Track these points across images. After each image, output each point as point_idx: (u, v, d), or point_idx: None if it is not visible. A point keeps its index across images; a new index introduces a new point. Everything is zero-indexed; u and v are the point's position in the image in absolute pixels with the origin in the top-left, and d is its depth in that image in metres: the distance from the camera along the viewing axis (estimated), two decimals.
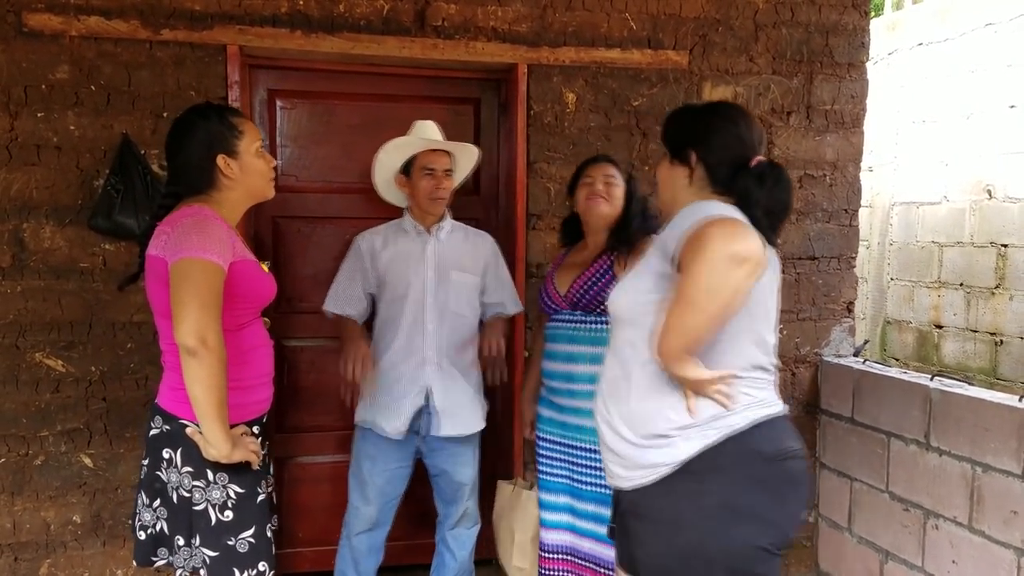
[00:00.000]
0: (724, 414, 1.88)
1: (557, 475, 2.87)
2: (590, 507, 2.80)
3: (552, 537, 2.91)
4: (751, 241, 1.82)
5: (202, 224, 2.11)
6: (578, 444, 2.79)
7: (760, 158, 1.99)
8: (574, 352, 2.77)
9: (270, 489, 2.52)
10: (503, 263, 3.14)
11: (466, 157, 3.06)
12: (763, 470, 1.88)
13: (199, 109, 2.28)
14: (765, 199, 1.93)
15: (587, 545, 2.84)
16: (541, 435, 2.93)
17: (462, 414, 2.96)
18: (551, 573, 2.92)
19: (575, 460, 2.80)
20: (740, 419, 1.88)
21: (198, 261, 2.04)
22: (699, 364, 1.86)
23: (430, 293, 2.90)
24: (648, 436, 1.92)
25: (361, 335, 2.91)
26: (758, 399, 1.93)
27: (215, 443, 2.07)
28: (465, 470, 3.02)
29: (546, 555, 2.93)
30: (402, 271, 2.92)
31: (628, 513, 2.01)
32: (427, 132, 2.97)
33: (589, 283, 2.75)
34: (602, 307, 2.72)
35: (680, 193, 2.05)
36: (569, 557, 2.89)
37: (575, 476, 2.81)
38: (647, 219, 2.84)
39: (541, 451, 2.92)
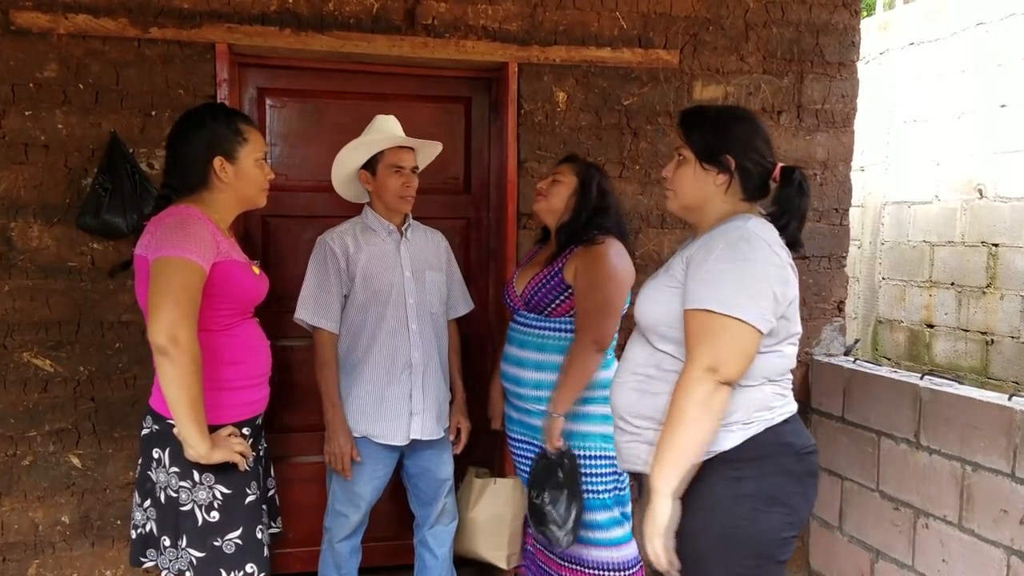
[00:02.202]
0: (763, 411, 1.95)
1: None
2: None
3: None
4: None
5: (184, 223, 2.12)
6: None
7: (782, 164, 2.03)
8: (522, 357, 2.82)
9: (272, 491, 2.51)
10: (454, 260, 3.16)
11: (427, 154, 3.03)
12: (793, 462, 1.97)
13: (212, 108, 2.32)
14: (804, 207, 2.02)
15: (574, 548, 2.82)
16: (512, 435, 2.96)
17: (443, 413, 2.98)
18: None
19: None
20: (776, 415, 1.97)
21: (176, 260, 2.04)
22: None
23: (411, 294, 2.88)
24: None
25: (342, 413, 2.86)
26: (787, 399, 2.02)
27: (191, 443, 2.07)
28: (446, 467, 3.03)
29: (561, 562, 2.92)
30: (381, 273, 2.86)
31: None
32: (390, 127, 2.92)
33: (540, 285, 2.78)
34: (549, 310, 2.76)
35: (713, 200, 2.05)
36: (559, 560, 2.89)
37: None
38: (603, 215, 2.79)
39: (516, 450, 2.96)
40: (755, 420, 1.94)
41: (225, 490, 2.19)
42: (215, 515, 2.18)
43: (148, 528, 2.26)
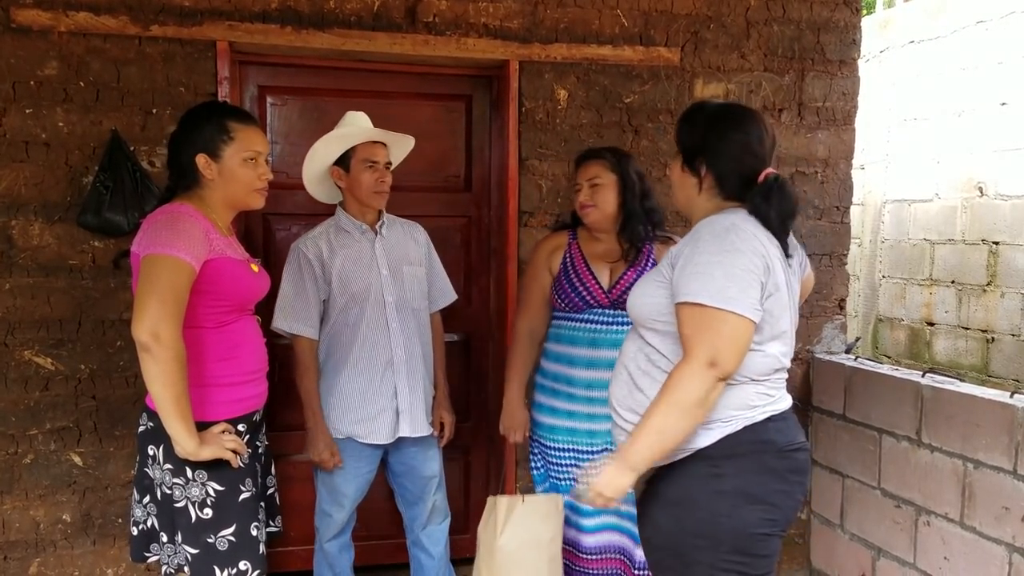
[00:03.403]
0: (744, 410, 1.96)
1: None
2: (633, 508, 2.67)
3: (595, 540, 2.83)
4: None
5: (175, 221, 2.12)
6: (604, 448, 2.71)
7: (769, 171, 2.01)
8: (594, 358, 2.71)
9: (272, 490, 2.50)
10: (435, 253, 3.12)
11: (401, 148, 2.99)
12: (775, 460, 1.98)
13: (207, 106, 2.34)
14: (774, 214, 1.97)
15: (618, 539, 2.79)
16: (561, 445, 2.81)
17: (429, 410, 2.97)
18: (601, 571, 2.85)
19: None
20: (759, 414, 1.98)
21: (163, 257, 2.05)
22: None
23: (389, 292, 2.87)
24: None
25: (323, 420, 2.84)
26: (775, 397, 2.03)
27: (178, 440, 2.07)
28: (432, 464, 3.01)
29: (591, 557, 2.83)
30: (357, 274, 2.85)
31: (641, 494, 2.12)
32: (361, 122, 2.89)
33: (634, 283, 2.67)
34: None
35: (693, 200, 2.10)
36: (620, 556, 2.82)
37: None
38: (648, 208, 2.78)
39: (565, 461, 2.80)
40: (734, 418, 1.96)
41: (218, 487, 2.18)
42: (208, 512, 2.18)
43: (150, 524, 2.27)
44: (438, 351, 3.09)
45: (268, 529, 2.48)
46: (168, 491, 2.18)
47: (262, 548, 2.27)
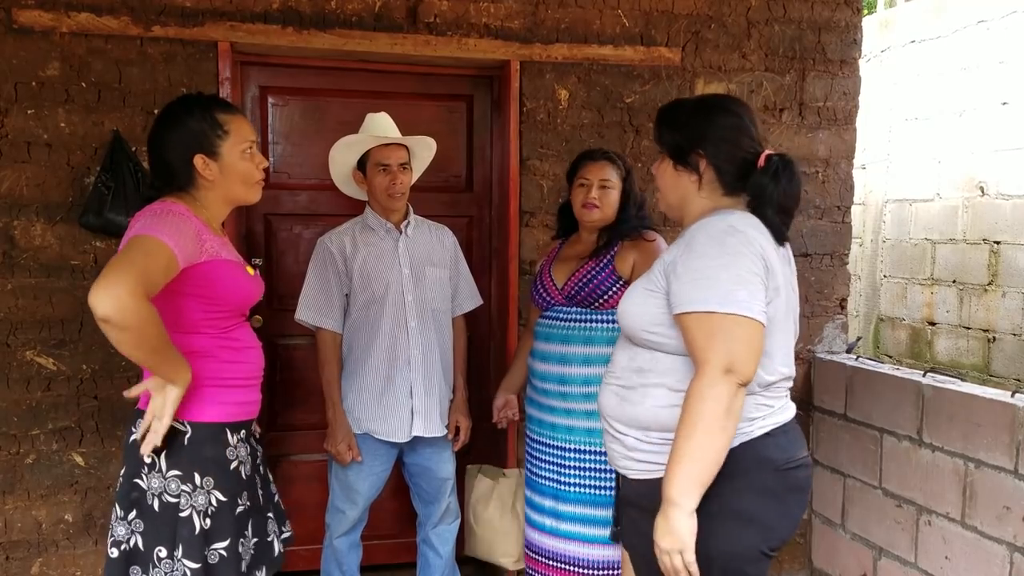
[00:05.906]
0: (741, 423, 1.82)
1: (544, 477, 2.84)
2: (576, 509, 2.75)
3: (535, 537, 2.89)
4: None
5: (167, 214, 1.99)
6: (565, 445, 2.76)
7: (768, 152, 1.92)
8: (567, 353, 2.73)
9: (276, 496, 2.43)
10: (462, 256, 3.15)
11: (424, 149, 3.01)
12: (772, 479, 1.86)
13: (185, 102, 2.15)
14: (780, 196, 1.88)
15: (573, 548, 2.78)
16: (531, 436, 2.91)
17: (446, 410, 2.99)
18: (534, 573, 2.91)
19: (561, 462, 2.77)
20: (756, 428, 1.86)
21: (141, 236, 1.90)
22: None
23: (409, 291, 2.89)
24: (660, 439, 1.89)
25: (342, 412, 2.88)
26: (775, 408, 1.91)
27: (173, 379, 1.92)
28: (447, 466, 3.04)
29: (531, 555, 2.92)
30: (378, 271, 2.88)
31: (630, 502, 2.02)
32: (379, 124, 2.91)
33: (589, 276, 2.72)
34: (599, 303, 2.70)
35: (690, 199, 1.98)
36: (551, 562, 2.85)
37: (560, 478, 2.77)
38: (642, 215, 2.85)
39: (530, 451, 2.91)
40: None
41: (221, 497, 2.09)
42: (208, 521, 2.08)
43: (132, 543, 2.09)
44: (459, 355, 3.10)
45: (282, 536, 2.41)
46: (173, 499, 2.06)
47: (243, 566, 2.15)
